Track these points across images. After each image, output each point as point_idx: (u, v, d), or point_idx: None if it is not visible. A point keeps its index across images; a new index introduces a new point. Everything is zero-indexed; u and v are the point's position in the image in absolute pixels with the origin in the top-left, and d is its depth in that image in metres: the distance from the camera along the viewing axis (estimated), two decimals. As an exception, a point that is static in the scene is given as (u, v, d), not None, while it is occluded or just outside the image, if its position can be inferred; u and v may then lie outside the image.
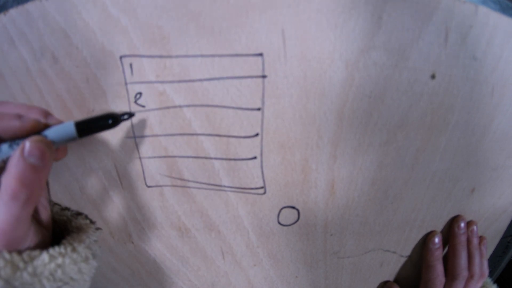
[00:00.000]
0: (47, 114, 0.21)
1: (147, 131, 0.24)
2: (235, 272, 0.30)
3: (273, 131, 0.23)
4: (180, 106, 0.23)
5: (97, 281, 0.34)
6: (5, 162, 0.19)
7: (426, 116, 0.23)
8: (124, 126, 0.24)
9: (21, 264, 0.20)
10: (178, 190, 0.26)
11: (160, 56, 0.21)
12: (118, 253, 0.31)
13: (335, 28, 0.20)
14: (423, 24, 0.20)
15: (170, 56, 0.21)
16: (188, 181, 0.25)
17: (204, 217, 0.27)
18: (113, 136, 0.25)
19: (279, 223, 0.27)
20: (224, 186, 0.25)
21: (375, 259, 0.31)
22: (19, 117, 0.20)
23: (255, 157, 0.24)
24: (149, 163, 0.25)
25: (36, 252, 0.21)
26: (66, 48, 0.22)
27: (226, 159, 0.24)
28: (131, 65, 0.22)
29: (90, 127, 0.21)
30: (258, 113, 0.22)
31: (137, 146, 0.25)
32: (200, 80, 0.22)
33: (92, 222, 0.29)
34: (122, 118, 0.21)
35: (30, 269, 0.20)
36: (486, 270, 0.32)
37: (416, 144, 0.24)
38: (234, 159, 0.24)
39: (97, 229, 0.28)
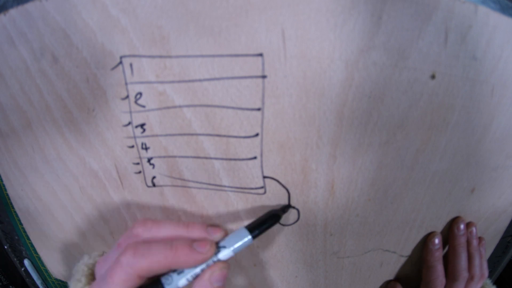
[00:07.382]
0: (205, 227, 0.22)
1: (147, 131, 0.24)
2: (235, 272, 0.30)
3: (273, 131, 0.23)
4: (180, 106, 0.23)
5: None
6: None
7: (426, 116, 0.23)
8: (124, 127, 0.24)
9: None
10: (178, 190, 0.26)
11: (160, 56, 0.21)
12: (118, 253, 0.31)
13: (335, 28, 0.20)
14: (423, 24, 0.20)
15: (170, 56, 0.21)
16: (188, 181, 0.25)
17: (204, 217, 0.27)
18: (113, 136, 0.25)
19: (279, 223, 0.27)
20: (224, 186, 0.25)
21: (375, 259, 0.31)
22: (190, 245, 0.20)
23: (255, 157, 0.24)
24: (149, 163, 0.25)
25: None
26: (66, 48, 0.22)
27: (226, 159, 0.24)
28: (131, 65, 0.22)
29: (260, 229, 0.23)
30: (258, 113, 0.22)
31: (137, 146, 0.25)
32: (200, 80, 0.22)
33: None
34: (283, 212, 0.24)
35: None
36: (486, 271, 0.32)
37: (416, 144, 0.24)
38: (234, 159, 0.24)
39: None
